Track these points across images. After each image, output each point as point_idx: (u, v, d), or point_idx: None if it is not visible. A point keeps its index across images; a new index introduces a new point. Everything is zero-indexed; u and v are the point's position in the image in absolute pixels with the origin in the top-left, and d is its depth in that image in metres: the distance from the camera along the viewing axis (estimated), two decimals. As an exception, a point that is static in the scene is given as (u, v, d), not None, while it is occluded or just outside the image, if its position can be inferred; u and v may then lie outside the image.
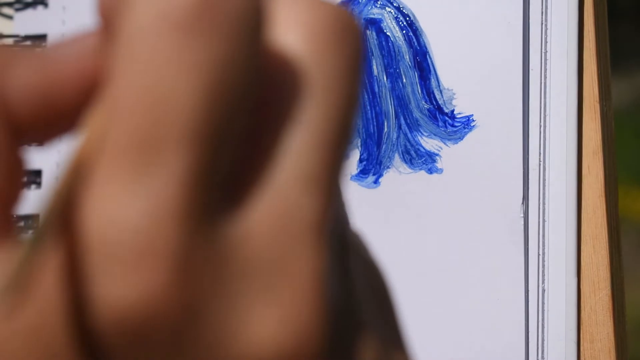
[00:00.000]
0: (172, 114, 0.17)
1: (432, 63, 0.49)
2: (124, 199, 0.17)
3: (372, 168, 0.50)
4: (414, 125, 0.49)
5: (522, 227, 0.47)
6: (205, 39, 0.17)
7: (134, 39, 0.17)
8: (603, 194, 0.47)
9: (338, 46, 0.18)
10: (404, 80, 0.49)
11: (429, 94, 0.49)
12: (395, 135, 0.49)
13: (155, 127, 0.17)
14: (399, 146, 0.49)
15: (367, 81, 0.50)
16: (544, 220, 0.47)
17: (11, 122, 0.19)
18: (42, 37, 0.58)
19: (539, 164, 0.47)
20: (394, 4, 0.50)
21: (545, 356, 0.47)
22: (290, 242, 0.18)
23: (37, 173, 0.55)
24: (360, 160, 0.50)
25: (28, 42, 0.58)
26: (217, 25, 0.17)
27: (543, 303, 0.47)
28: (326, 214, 0.18)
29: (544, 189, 0.47)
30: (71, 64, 0.19)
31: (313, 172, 0.18)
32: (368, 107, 0.50)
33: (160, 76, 0.17)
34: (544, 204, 0.47)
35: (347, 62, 0.19)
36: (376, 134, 0.50)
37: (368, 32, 0.50)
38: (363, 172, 0.50)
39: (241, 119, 0.18)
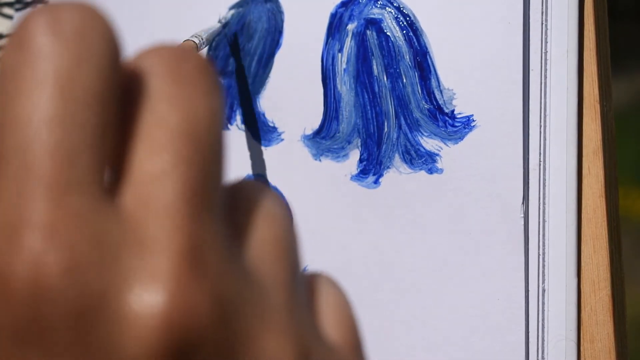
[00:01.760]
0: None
1: (433, 63, 0.49)
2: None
3: (372, 168, 0.50)
4: (414, 126, 0.49)
5: (523, 227, 0.47)
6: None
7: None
8: (603, 194, 0.47)
9: (178, 69, 0.23)
10: (404, 80, 0.49)
11: (429, 94, 0.49)
12: (395, 135, 0.49)
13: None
14: (399, 146, 0.49)
15: (367, 81, 0.50)
16: (544, 221, 0.47)
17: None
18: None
19: (539, 164, 0.47)
20: (394, 4, 0.50)
21: (545, 356, 0.47)
22: (155, 223, 0.21)
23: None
24: (361, 161, 0.50)
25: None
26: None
27: (543, 303, 0.47)
28: (190, 196, 0.21)
29: (544, 189, 0.47)
30: None
31: (166, 164, 0.21)
32: (368, 107, 0.50)
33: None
34: (544, 204, 0.47)
35: (186, 78, 0.22)
36: (376, 134, 0.50)
37: (368, 32, 0.50)
38: (363, 172, 0.50)
39: (103, 114, 0.21)
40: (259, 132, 0.53)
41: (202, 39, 0.50)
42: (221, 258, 0.21)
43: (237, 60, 0.53)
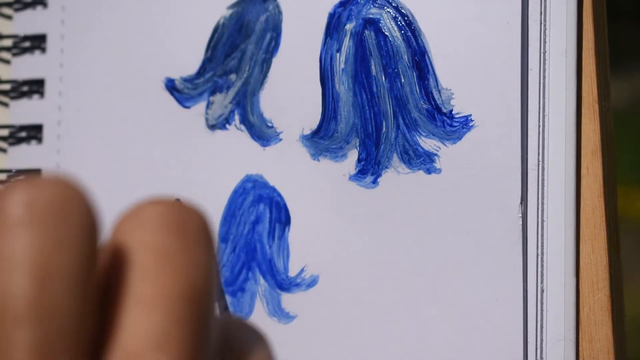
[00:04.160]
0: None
1: (431, 63, 0.49)
2: None
3: (370, 168, 0.50)
4: (412, 125, 0.49)
5: (521, 227, 0.47)
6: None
7: None
8: (602, 194, 0.47)
9: (172, 232, 0.22)
10: (403, 80, 0.49)
11: (427, 94, 0.49)
12: (393, 135, 0.49)
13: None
14: (398, 146, 0.49)
15: (365, 81, 0.50)
16: (542, 221, 0.47)
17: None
18: (41, 37, 0.58)
19: (538, 164, 0.47)
20: (393, 4, 0.50)
21: (544, 356, 0.47)
22: None
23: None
24: (359, 160, 0.50)
25: (27, 42, 0.58)
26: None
27: (542, 303, 0.47)
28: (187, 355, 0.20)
29: (542, 189, 0.47)
30: None
31: (159, 329, 0.21)
32: (366, 107, 0.50)
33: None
34: (542, 204, 0.47)
35: (180, 242, 0.22)
36: (374, 134, 0.50)
37: (367, 32, 0.50)
38: (361, 172, 0.50)
39: (80, 295, 0.21)
40: (257, 132, 0.52)
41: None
42: None
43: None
